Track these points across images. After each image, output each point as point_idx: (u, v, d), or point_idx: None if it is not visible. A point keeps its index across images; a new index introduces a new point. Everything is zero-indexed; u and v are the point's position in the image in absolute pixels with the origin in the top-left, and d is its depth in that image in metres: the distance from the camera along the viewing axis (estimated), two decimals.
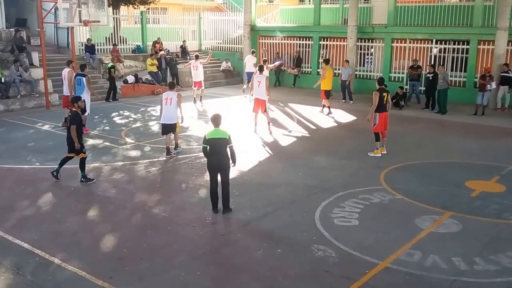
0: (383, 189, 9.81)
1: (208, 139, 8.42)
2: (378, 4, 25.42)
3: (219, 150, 8.39)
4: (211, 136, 8.44)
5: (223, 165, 8.47)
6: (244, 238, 7.64)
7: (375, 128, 12.16)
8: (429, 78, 18.83)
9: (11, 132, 14.42)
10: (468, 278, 6.46)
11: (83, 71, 14.47)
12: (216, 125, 8.54)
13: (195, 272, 6.55)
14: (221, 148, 8.40)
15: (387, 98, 12.12)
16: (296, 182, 10.26)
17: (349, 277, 6.41)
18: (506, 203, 9.13)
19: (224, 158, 8.43)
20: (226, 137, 8.40)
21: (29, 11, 26.76)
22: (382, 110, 12.07)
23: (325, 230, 7.81)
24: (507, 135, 15.17)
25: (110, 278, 6.35)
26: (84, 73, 14.42)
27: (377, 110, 12.03)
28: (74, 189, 9.76)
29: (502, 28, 18.98)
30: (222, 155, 8.41)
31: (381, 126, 12.13)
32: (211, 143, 8.39)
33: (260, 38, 26.80)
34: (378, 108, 12.01)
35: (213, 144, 8.39)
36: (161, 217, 8.42)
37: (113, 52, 24.16)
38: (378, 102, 11.92)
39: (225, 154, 8.43)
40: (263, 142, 13.62)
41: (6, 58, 19.56)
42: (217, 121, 8.56)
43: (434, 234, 7.79)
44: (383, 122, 12.13)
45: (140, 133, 14.66)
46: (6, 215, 8.39)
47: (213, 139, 8.40)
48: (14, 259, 6.86)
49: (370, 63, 23.96)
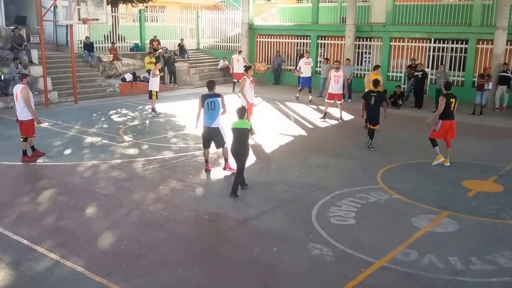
0: (380, 188, 9.84)
1: (232, 128, 9.38)
2: (376, 3, 25.47)
3: (240, 138, 9.28)
4: (235, 126, 9.36)
5: (241, 152, 9.34)
6: (241, 236, 7.67)
7: (433, 134, 11.47)
8: (418, 76, 18.87)
9: (10, 129, 14.42)
10: (464, 277, 6.48)
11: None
12: (241, 116, 9.43)
13: (192, 269, 6.58)
14: (242, 137, 9.29)
15: (454, 105, 11.28)
16: (293, 181, 10.28)
17: (345, 276, 6.44)
18: (503, 203, 9.17)
19: (243, 146, 9.34)
20: (248, 127, 9.46)
21: (29, 9, 26.76)
22: (447, 118, 11.26)
23: (321, 229, 7.84)
24: (505, 135, 15.21)
25: (108, 274, 6.38)
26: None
27: (442, 117, 11.27)
28: (72, 186, 9.78)
29: (501, 27, 19.03)
30: (242, 144, 9.30)
31: (441, 133, 11.36)
32: (234, 132, 9.34)
33: (258, 37, 26.83)
34: (443, 115, 11.23)
35: (236, 133, 9.33)
36: (159, 214, 8.45)
37: (112, 50, 24.18)
38: (444, 108, 11.14)
39: (245, 143, 9.38)
40: (260, 140, 13.64)
41: (6, 55, 19.55)
42: (241, 113, 9.50)
43: (431, 233, 7.82)
44: (445, 130, 11.29)
45: (138, 131, 14.68)
46: (6, 212, 8.41)
47: (236, 129, 9.32)
48: (13, 255, 6.88)
49: (368, 62, 24.02)
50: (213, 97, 10.47)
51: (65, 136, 13.86)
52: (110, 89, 22.11)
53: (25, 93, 11.15)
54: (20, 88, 11.20)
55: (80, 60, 22.47)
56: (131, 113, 17.64)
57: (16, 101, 11.33)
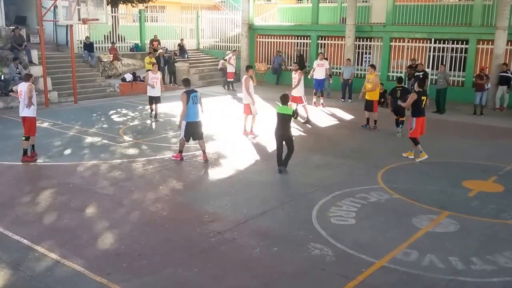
0: (380, 188, 9.84)
1: (277, 113, 10.46)
2: (376, 3, 25.46)
3: (284, 123, 10.40)
4: (279, 111, 10.45)
5: (287, 135, 10.52)
6: (241, 236, 7.66)
7: (412, 133, 11.72)
8: (418, 76, 18.86)
9: (10, 129, 14.43)
10: (465, 277, 6.47)
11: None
12: (284, 103, 10.47)
13: (192, 270, 6.58)
14: (286, 121, 10.40)
15: (425, 102, 11.70)
16: (293, 181, 10.29)
17: (345, 276, 6.43)
18: (504, 203, 9.16)
19: (288, 130, 10.51)
20: (290, 113, 10.35)
21: (29, 9, 26.77)
22: (420, 115, 11.66)
23: (322, 229, 7.83)
24: (505, 135, 15.21)
25: (108, 274, 6.38)
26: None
27: (415, 114, 11.63)
28: (73, 186, 9.77)
29: (502, 28, 19.03)
30: (286, 128, 10.45)
31: (418, 130, 11.66)
32: (278, 116, 10.42)
33: (258, 37, 26.82)
34: (416, 113, 11.62)
35: (280, 117, 10.40)
36: (159, 214, 8.44)
37: (112, 50, 24.18)
38: (417, 105, 11.51)
39: (288, 126, 10.49)
40: (260, 140, 13.64)
41: (6, 55, 19.55)
42: (285, 99, 10.55)
43: (431, 233, 7.81)
44: (420, 126, 11.65)
45: (138, 131, 14.67)
46: (6, 211, 8.41)
47: (280, 114, 10.40)
48: (13, 255, 6.88)
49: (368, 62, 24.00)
50: (195, 92, 11.46)
51: (65, 136, 13.85)
52: (110, 89, 22.10)
53: (30, 90, 11.27)
54: (26, 85, 11.39)
55: (80, 60, 22.46)
56: (131, 113, 17.63)
57: (21, 97, 11.46)
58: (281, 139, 10.55)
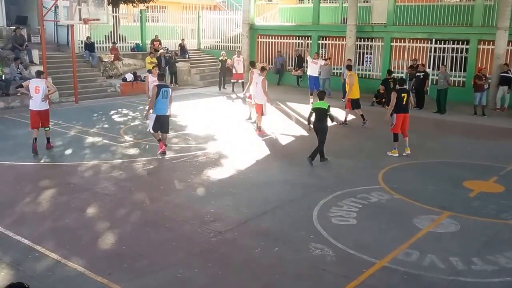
0: (381, 188, 9.83)
1: (314, 108, 11.37)
2: (377, 3, 25.46)
3: (320, 116, 11.25)
4: (316, 106, 11.39)
5: (322, 128, 11.32)
6: (242, 236, 7.66)
7: (392, 128, 12.29)
8: (419, 77, 18.87)
9: (11, 129, 14.44)
10: (465, 278, 6.47)
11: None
12: (321, 98, 11.47)
13: (193, 270, 6.58)
14: (322, 116, 11.23)
15: (407, 99, 12.16)
16: (294, 181, 10.28)
17: (346, 276, 6.43)
18: (504, 204, 9.16)
19: (323, 123, 11.29)
20: (326, 107, 11.15)
21: (30, 9, 26.75)
22: (400, 111, 12.12)
23: (322, 229, 7.83)
24: (506, 135, 15.19)
25: (109, 274, 6.38)
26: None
27: (396, 111, 12.11)
28: (73, 186, 9.78)
29: (502, 28, 19.01)
30: (321, 121, 11.27)
31: (398, 126, 12.17)
32: (315, 111, 11.28)
33: (258, 37, 26.81)
34: (396, 109, 12.09)
35: (317, 112, 11.25)
36: (160, 214, 8.44)
37: (112, 50, 24.19)
38: (397, 102, 12.00)
39: (324, 120, 11.26)
40: (260, 140, 13.64)
41: (7, 55, 19.56)
42: (321, 95, 11.67)
43: (432, 234, 7.81)
44: (401, 122, 12.16)
45: (139, 131, 14.67)
46: (7, 212, 8.41)
47: (317, 108, 11.27)
48: (14, 255, 6.88)
49: (369, 62, 24.00)
50: (167, 87, 12.05)
51: (66, 136, 13.85)
52: (111, 89, 22.09)
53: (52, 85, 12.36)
54: (43, 82, 12.04)
55: (81, 60, 22.46)
56: (132, 113, 17.63)
57: (36, 92, 11.88)
58: (317, 132, 11.43)
